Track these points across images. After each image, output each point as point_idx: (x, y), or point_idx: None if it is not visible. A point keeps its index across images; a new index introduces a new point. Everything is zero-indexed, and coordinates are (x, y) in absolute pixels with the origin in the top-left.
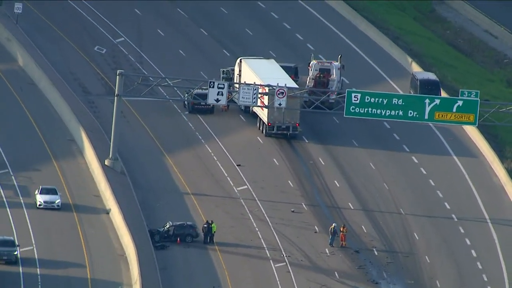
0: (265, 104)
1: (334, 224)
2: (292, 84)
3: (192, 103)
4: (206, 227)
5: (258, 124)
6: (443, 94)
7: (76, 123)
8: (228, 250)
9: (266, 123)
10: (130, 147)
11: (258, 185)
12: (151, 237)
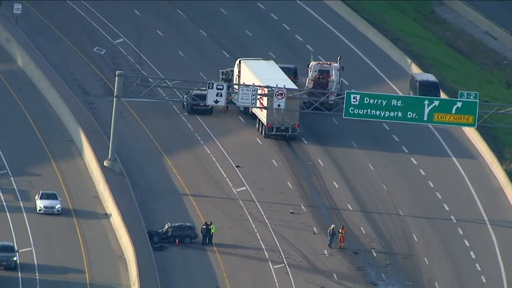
0: (264, 105)
1: (333, 225)
2: (291, 85)
3: (191, 104)
4: (204, 228)
5: (257, 125)
6: (443, 95)
7: (75, 124)
8: (227, 251)
9: (265, 124)
10: (129, 148)
11: (257, 186)
12: (150, 238)
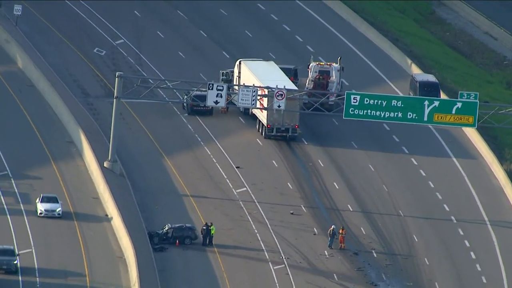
0: (264, 106)
1: (333, 226)
2: (291, 86)
3: (191, 105)
4: (205, 229)
5: (257, 126)
6: (443, 96)
7: (75, 125)
8: (227, 252)
9: (266, 125)
10: (129, 149)
11: (257, 187)
12: (150, 239)
